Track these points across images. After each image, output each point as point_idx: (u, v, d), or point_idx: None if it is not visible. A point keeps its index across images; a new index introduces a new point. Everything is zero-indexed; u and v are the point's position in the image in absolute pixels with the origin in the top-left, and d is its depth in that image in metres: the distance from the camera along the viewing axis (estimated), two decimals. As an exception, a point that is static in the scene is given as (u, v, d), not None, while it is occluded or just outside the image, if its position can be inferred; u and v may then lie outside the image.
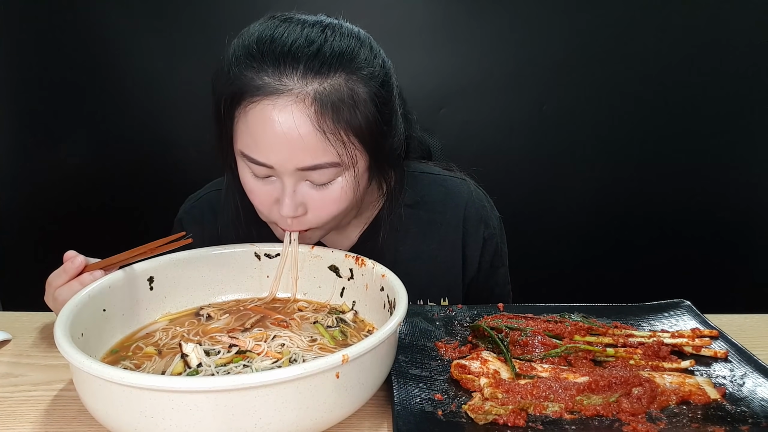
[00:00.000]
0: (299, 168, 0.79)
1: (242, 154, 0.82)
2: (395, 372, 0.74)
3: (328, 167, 0.80)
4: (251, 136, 0.79)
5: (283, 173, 0.81)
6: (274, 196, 0.84)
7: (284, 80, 0.76)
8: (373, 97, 0.81)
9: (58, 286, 0.80)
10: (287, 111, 0.76)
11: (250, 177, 0.85)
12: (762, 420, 0.66)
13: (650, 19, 1.77)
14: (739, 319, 0.98)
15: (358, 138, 0.81)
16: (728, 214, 1.94)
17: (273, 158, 0.79)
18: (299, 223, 0.86)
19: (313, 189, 0.83)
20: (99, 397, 0.59)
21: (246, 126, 0.79)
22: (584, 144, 1.89)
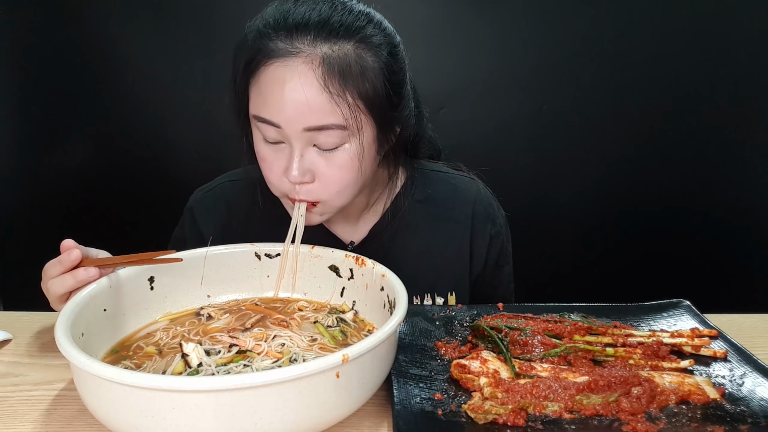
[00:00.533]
0: (306, 128, 0.81)
1: (254, 116, 0.85)
2: (395, 372, 0.74)
3: (334, 129, 0.82)
4: (262, 96, 0.83)
5: (291, 135, 0.83)
6: (284, 164, 0.86)
7: (295, 44, 0.81)
8: (381, 66, 0.84)
9: (52, 277, 0.80)
10: (296, 71, 0.80)
11: (262, 144, 0.87)
12: (761, 420, 0.66)
13: (651, 20, 1.77)
14: (739, 319, 0.98)
15: (364, 103, 0.83)
16: (728, 214, 1.94)
17: (281, 117, 0.81)
18: (307, 193, 0.87)
19: (320, 156, 0.85)
20: (99, 396, 0.59)
21: (258, 88, 0.83)
22: (585, 144, 1.89)
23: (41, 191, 1.92)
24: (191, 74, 1.82)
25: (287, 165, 0.85)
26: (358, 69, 0.82)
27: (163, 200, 1.93)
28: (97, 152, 1.90)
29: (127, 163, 1.90)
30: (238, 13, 1.75)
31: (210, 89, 1.84)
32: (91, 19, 1.78)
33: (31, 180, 1.92)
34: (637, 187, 1.94)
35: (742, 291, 1.98)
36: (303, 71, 0.80)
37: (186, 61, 1.81)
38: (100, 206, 1.93)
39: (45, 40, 1.79)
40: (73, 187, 1.91)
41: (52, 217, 1.94)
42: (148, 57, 1.81)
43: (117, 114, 1.86)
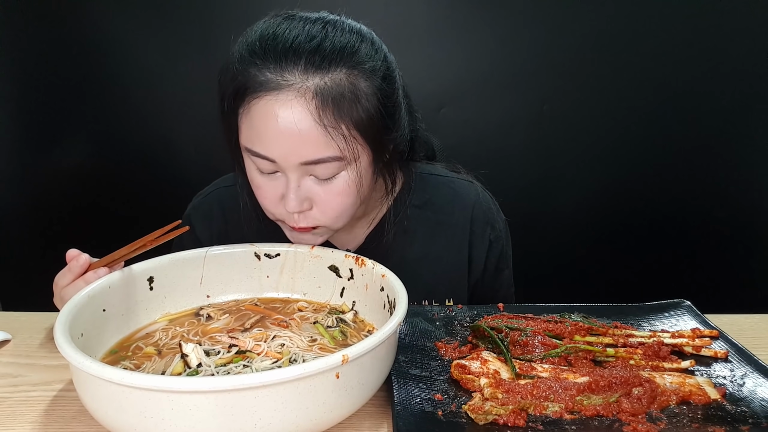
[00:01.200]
0: (302, 162, 0.80)
1: (246, 149, 0.83)
2: (395, 372, 0.74)
3: (331, 161, 0.80)
4: (254, 130, 0.80)
5: (287, 168, 0.81)
6: (280, 192, 0.84)
7: (286, 75, 0.77)
8: (375, 91, 0.82)
9: (64, 285, 0.81)
10: (288, 106, 0.77)
11: (256, 173, 0.86)
12: (762, 420, 0.66)
13: (651, 20, 1.77)
14: (740, 319, 0.98)
15: (360, 132, 0.81)
16: (728, 214, 1.94)
17: (276, 152, 0.79)
18: (306, 219, 0.86)
19: (318, 184, 0.83)
20: (99, 397, 0.59)
21: (249, 121, 0.80)
22: (585, 144, 1.89)
23: (41, 191, 1.92)
24: (191, 74, 1.82)
25: (284, 194, 0.84)
26: (352, 97, 0.79)
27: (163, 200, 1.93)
28: (97, 152, 1.90)
29: (127, 163, 1.90)
30: (238, 13, 1.75)
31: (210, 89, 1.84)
32: (91, 18, 1.78)
33: (31, 180, 1.91)
34: (638, 187, 1.93)
35: (743, 291, 1.98)
36: (295, 105, 0.77)
37: (186, 61, 1.81)
38: (100, 206, 1.93)
39: (45, 40, 1.79)
40: (73, 187, 1.91)
41: (52, 217, 1.94)
42: (147, 57, 1.81)
43: (116, 114, 1.86)
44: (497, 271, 1.10)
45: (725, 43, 1.79)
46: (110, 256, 0.82)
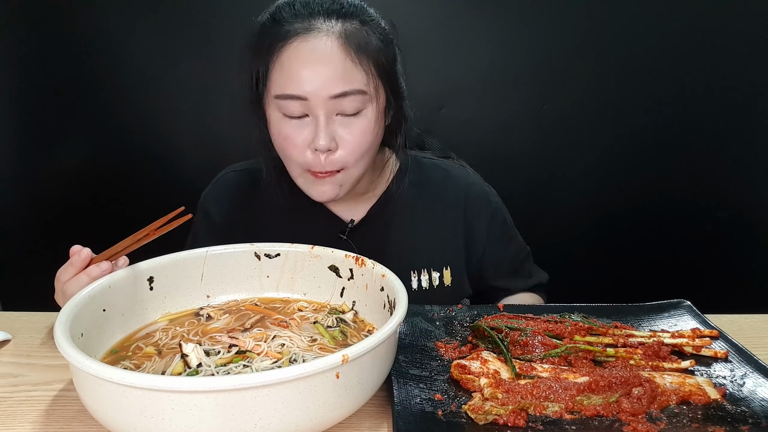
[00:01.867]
0: (332, 95, 0.89)
1: (278, 96, 0.91)
2: (395, 372, 0.74)
3: (356, 94, 0.90)
4: (286, 73, 0.90)
5: (317, 105, 0.90)
6: (308, 137, 0.92)
7: (312, 23, 0.90)
8: (382, 43, 0.94)
9: (66, 280, 0.81)
10: (319, 44, 0.88)
11: (284, 123, 0.93)
12: (762, 420, 0.66)
13: (651, 20, 1.77)
14: (740, 319, 0.98)
15: (377, 71, 0.93)
16: (728, 214, 1.94)
17: (308, 88, 0.88)
18: (332, 162, 0.93)
19: (342, 125, 0.92)
20: (99, 397, 0.59)
21: (280, 67, 0.90)
22: (585, 144, 1.89)
23: (41, 191, 1.92)
24: (191, 74, 1.82)
25: (312, 136, 0.91)
26: (368, 42, 0.91)
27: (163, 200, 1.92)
28: (97, 152, 1.90)
29: (127, 163, 1.90)
30: (238, 12, 1.74)
31: (210, 89, 1.84)
32: (91, 18, 1.78)
33: (31, 180, 1.91)
34: (638, 187, 1.93)
35: (743, 291, 1.97)
36: (324, 44, 0.88)
37: (186, 61, 1.81)
38: (100, 206, 1.93)
39: (44, 40, 1.79)
40: (73, 186, 1.91)
41: (51, 217, 1.94)
42: (148, 57, 1.81)
43: (117, 114, 1.86)
44: (508, 239, 1.17)
45: (726, 43, 1.79)
46: (113, 249, 0.83)
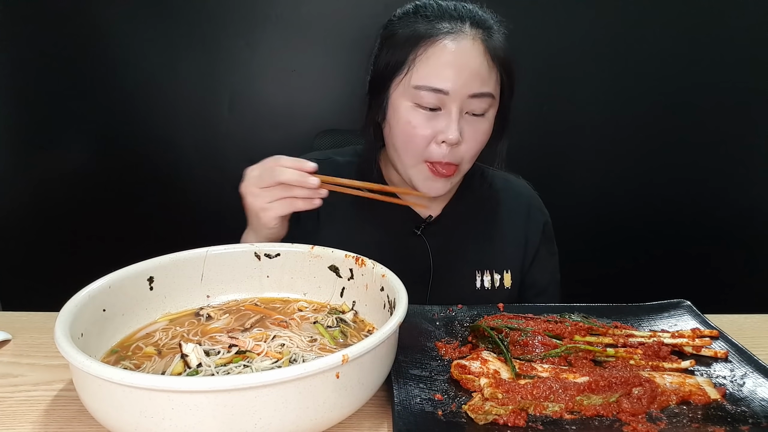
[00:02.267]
0: (470, 94, 0.96)
1: (418, 87, 0.96)
2: (395, 372, 0.74)
3: (487, 97, 0.98)
4: (432, 67, 0.96)
5: (454, 100, 0.96)
6: (437, 128, 0.98)
7: (461, 27, 0.97)
8: (508, 58, 1.03)
9: (274, 197, 0.90)
10: (466, 46, 0.96)
11: (414, 113, 0.98)
12: (762, 420, 0.66)
13: (651, 19, 1.77)
14: (739, 319, 0.98)
15: (502, 80, 1.01)
16: (728, 214, 1.94)
17: (450, 84, 0.95)
18: (453, 155, 0.99)
19: (469, 123, 0.99)
20: (99, 397, 0.59)
21: (426, 60, 0.96)
22: (585, 144, 1.89)
23: (41, 191, 1.92)
24: (191, 74, 1.82)
25: (443, 129, 0.97)
26: (500, 52, 1.00)
27: (163, 199, 1.93)
28: (97, 152, 1.90)
29: (127, 163, 1.90)
30: (238, 12, 1.75)
31: (210, 89, 1.84)
32: (91, 18, 1.78)
33: (31, 180, 1.91)
34: (638, 187, 1.93)
35: (743, 291, 1.97)
36: (471, 47, 0.96)
37: (186, 61, 1.81)
38: (100, 206, 1.93)
39: (45, 41, 1.79)
40: (73, 187, 1.91)
41: (51, 217, 1.94)
42: (148, 57, 1.81)
43: (116, 114, 1.86)
44: (550, 255, 1.23)
45: (727, 43, 1.79)
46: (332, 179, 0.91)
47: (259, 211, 0.91)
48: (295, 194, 0.89)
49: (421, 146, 0.99)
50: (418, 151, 1.00)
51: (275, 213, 0.91)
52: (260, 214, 0.91)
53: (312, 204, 0.90)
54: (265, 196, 0.90)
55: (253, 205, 0.92)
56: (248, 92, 1.85)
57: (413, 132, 0.99)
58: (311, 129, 1.79)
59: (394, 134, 1.02)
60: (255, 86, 1.85)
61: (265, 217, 0.91)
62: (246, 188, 0.92)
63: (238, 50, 1.80)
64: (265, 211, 0.91)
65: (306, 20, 1.78)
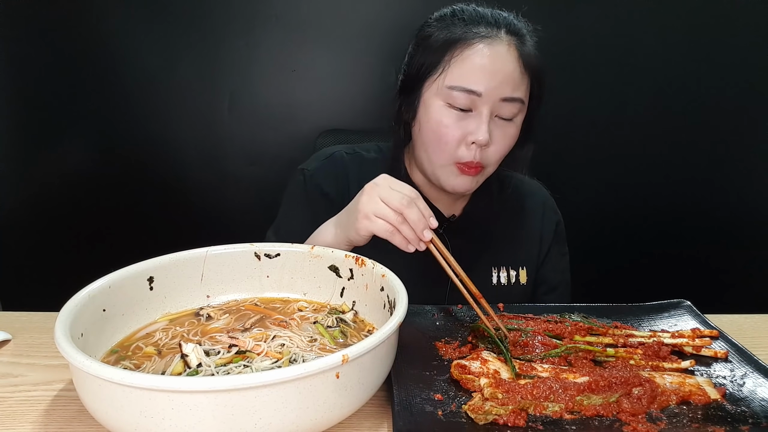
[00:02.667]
0: (502, 98, 0.98)
1: (451, 87, 0.99)
2: (395, 372, 0.74)
3: (516, 102, 1.00)
4: (467, 69, 0.98)
5: (485, 102, 0.98)
6: (466, 130, 1.00)
7: (497, 32, 1.00)
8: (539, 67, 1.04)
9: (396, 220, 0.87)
10: (501, 51, 0.99)
11: (446, 112, 1.00)
12: (762, 420, 0.66)
13: (651, 19, 1.77)
14: (739, 319, 0.98)
15: (531, 87, 1.03)
16: (729, 214, 1.94)
17: (484, 86, 0.97)
18: (482, 156, 1.01)
19: (498, 126, 1.01)
20: (99, 397, 0.59)
21: (461, 61, 0.99)
22: (585, 144, 1.89)
23: (41, 191, 1.92)
24: (191, 74, 1.82)
25: (473, 130, 0.99)
26: (532, 61, 1.01)
27: (163, 199, 1.93)
28: (97, 152, 1.90)
29: (127, 163, 1.90)
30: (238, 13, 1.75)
31: (210, 89, 1.84)
32: (91, 18, 1.78)
33: (32, 180, 1.91)
34: (638, 187, 1.93)
35: (743, 291, 1.97)
36: (506, 52, 0.99)
37: (186, 61, 1.81)
38: (100, 206, 1.93)
39: (45, 41, 1.79)
40: (73, 187, 1.91)
41: (51, 218, 1.94)
42: (148, 57, 1.81)
43: (116, 114, 1.86)
44: (561, 255, 1.26)
45: (727, 43, 1.79)
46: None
47: (364, 217, 0.89)
48: (404, 231, 0.87)
49: (451, 146, 1.01)
50: (449, 151, 1.02)
51: (373, 228, 0.88)
52: (362, 219, 0.89)
53: (406, 248, 0.87)
54: (380, 209, 0.87)
55: (365, 207, 0.89)
56: (248, 92, 1.85)
57: (444, 131, 1.01)
58: (311, 129, 1.79)
59: (424, 133, 1.04)
60: (255, 86, 1.85)
61: (363, 225, 0.89)
62: (372, 190, 0.90)
63: (238, 50, 1.80)
64: (369, 220, 0.88)
65: (306, 20, 1.78)
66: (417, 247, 0.88)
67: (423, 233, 0.86)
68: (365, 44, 1.79)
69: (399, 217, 0.86)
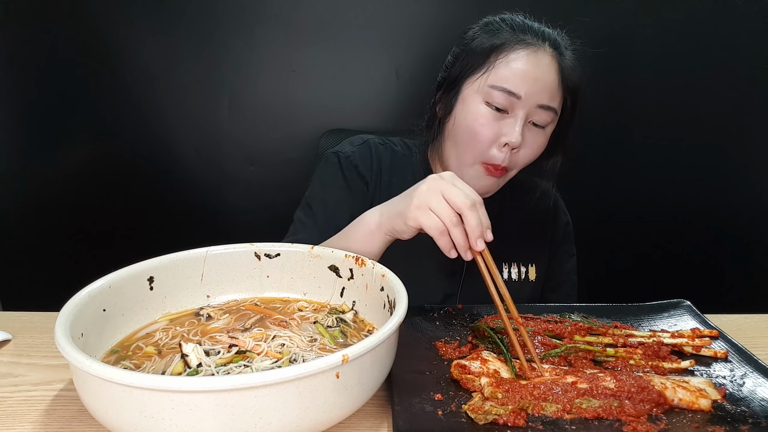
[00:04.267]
0: (539, 104, 1.02)
1: (493, 87, 1.02)
2: (395, 372, 0.74)
3: (550, 111, 1.03)
4: (511, 71, 1.01)
5: (523, 106, 1.01)
6: (500, 131, 1.02)
7: (542, 43, 1.04)
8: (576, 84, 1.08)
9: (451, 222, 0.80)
10: (544, 60, 1.03)
11: (483, 110, 1.03)
12: (762, 420, 0.66)
13: (652, 19, 1.77)
14: (739, 319, 0.98)
15: (564, 101, 1.07)
16: (728, 214, 1.94)
17: (525, 90, 1.00)
18: (510, 159, 1.04)
19: (531, 131, 1.04)
20: (99, 397, 0.59)
21: (506, 63, 1.02)
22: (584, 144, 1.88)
23: (41, 191, 1.92)
24: (191, 74, 1.82)
25: (506, 132, 1.02)
26: (570, 76, 1.06)
27: (163, 199, 1.93)
28: (97, 152, 1.90)
29: (127, 163, 1.90)
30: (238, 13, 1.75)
31: (210, 89, 1.84)
32: (91, 18, 1.78)
33: (32, 180, 1.91)
34: (637, 187, 1.93)
35: (743, 291, 1.97)
36: (549, 61, 1.03)
37: (186, 61, 1.81)
38: (100, 206, 1.93)
39: (45, 40, 1.79)
40: (73, 187, 1.91)
41: (52, 217, 1.94)
42: (148, 57, 1.81)
43: (117, 114, 1.86)
44: (569, 255, 1.29)
45: (727, 43, 1.79)
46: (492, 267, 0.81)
47: (418, 207, 0.82)
48: (455, 235, 0.80)
49: (483, 145, 1.03)
50: (480, 150, 1.04)
51: (424, 221, 0.81)
52: (415, 209, 0.82)
53: (449, 252, 0.81)
54: (439, 203, 0.81)
55: (422, 197, 0.82)
56: (248, 92, 1.85)
57: (479, 129, 1.03)
58: (311, 129, 1.80)
59: (458, 128, 1.06)
60: (255, 86, 1.85)
61: (414, 215, 0.82)
62: (435, 182, 0.83)
63: (238, 50, 1.80)
64: (422, 211, 0.82)
65: (306, 20, 1.78)
66: (463, 255, 0.80)
67: (476, 242, 0.79)
68: (365, 44, 1.79)
69: (455, 218, 0.80)
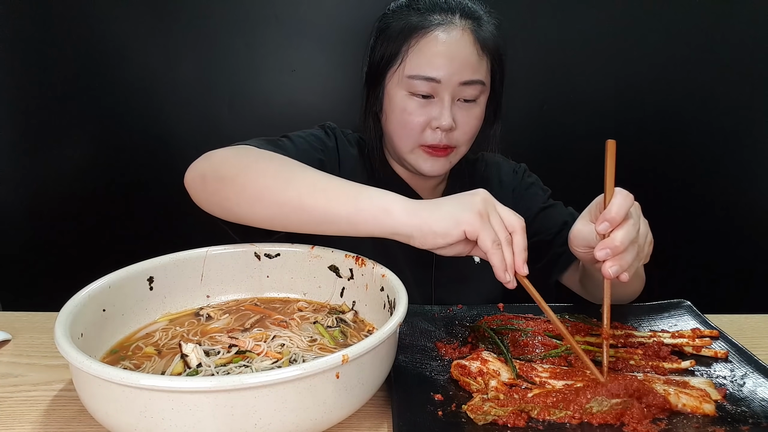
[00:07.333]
0: (461, 82, 1.00)
1: (411, 77, 1.01)
2: (395, 372, 0.74)
3: (478, 84, 1.01)
4: (424, 57, 1.00)
5: (446, 88, 1.00)
6: (431, 115, 1.02)
7: (451, 18, 1.01)
8: (498, 46, 1.05)
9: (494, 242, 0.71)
10: (457, 36, 1.00)
11: (409, 101, 1.02)
12: (762, 420, 0.66)
13: (652, 18, 1.77)
14: (739, 319, 0.98)
15: (492, 68, 1.05)
16: (729, 214, 1.94)
17: (443, 72, 0.99)
18: (449, 139, 1.03)
19: (461, 109, 1.03)
20: (99, 397, 0.59)
21: (419, 51, 1.00)
22: (585, 144, 1.89)
23: (41, 191, 1.92)
24: (191, 74, 1.82)
25: (436, 116, 1.01)
26: (489, 41, 1.03)
27: (163, 199, 1.93)
28: (97, 152, 1.90)
29: (127, 163, 1.90)
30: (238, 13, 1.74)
31: (210, 89, 1.84)
32: (91, 18, 1.78)
33: (31, 180, 1.91)
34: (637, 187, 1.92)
35: (743, 291, 1.97)
36: (461, 37, 1.00)
37: (186, 61, 1.81)
38: (100, 207, 1.93)
39: (44, 39, 1.79)
40: (73, 187, 1.91)
41: (52, 217, 1.94)
42: (147, 57, 1.81)
43: (116, 114, 1.86)
44: (550, 206, 1.23)
45: (727, 42, 1.79)
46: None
47: (477, 213, 0.72)
48: (506, 252, 0.73)
49: (416, 132, 1.03)
50: (413, 136, 1.04)
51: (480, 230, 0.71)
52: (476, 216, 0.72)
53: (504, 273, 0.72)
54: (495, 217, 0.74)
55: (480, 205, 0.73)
56: (248, 92, 1.85)
57: (408, 119, 1.02)
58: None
59: (390, 122, 1.06)
60: (255, 86, 1.84)
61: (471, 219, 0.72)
62: (489, 197, 0.75)
63: (238, 50, 1.80)
64: (481, 218, 0.72)
65: (306, 20, 1.78)
66: (508, 277, 0.73)
67: (522, 266, 0.73)
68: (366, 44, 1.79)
69: (508, 236, 0.74)
